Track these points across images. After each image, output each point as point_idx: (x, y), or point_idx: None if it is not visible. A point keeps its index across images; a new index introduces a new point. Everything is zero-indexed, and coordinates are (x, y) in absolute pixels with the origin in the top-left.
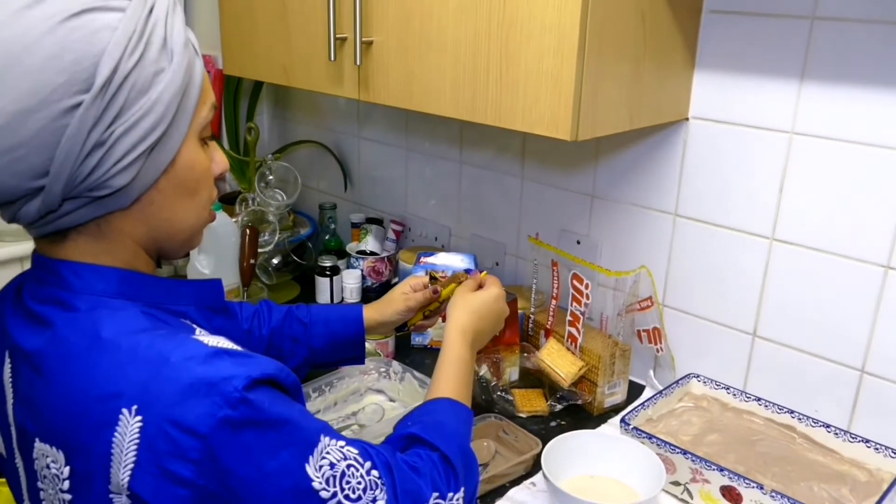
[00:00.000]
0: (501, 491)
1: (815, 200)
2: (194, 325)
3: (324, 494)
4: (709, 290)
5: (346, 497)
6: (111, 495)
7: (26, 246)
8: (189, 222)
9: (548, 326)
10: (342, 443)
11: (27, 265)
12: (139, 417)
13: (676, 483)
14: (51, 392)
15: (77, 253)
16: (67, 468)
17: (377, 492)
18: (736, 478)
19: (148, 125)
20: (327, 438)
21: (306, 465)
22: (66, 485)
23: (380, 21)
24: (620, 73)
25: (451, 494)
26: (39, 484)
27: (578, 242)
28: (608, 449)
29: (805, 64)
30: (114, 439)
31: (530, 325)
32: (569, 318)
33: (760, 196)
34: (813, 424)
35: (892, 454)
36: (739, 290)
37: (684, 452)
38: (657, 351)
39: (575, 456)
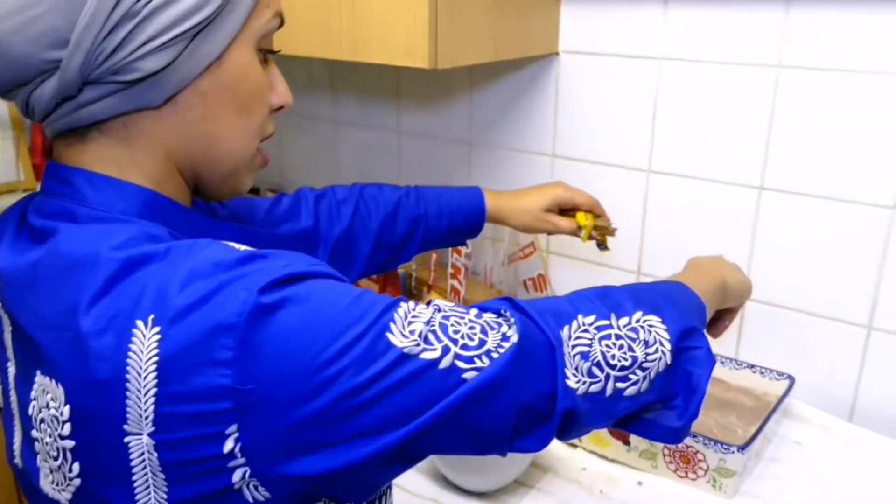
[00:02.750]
0: None
1: (687, 128)
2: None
3: (429, 355)
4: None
5: (465, 347)
6: (127, 437)
7: None
8: (235, 146)
9: (430, 283)
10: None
11: None
12: (157, 328)
13: None
14: (47, 309)
15: (98, 160)
16: (67, 407)
17: (503, 328)
18: None
19: (192, 3)
20: (411, 303)
21: (388, 335)
22: (67, 428)
23: None
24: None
25: (613, 315)
26: (34, 433)
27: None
28: None
29: None
30: (128, 360)
31: (413, 283)
32: (450, 270)
33: (635, 128)
34: None
35: (777, 376)
36: (621, 227)
37: None
38: None
39: None
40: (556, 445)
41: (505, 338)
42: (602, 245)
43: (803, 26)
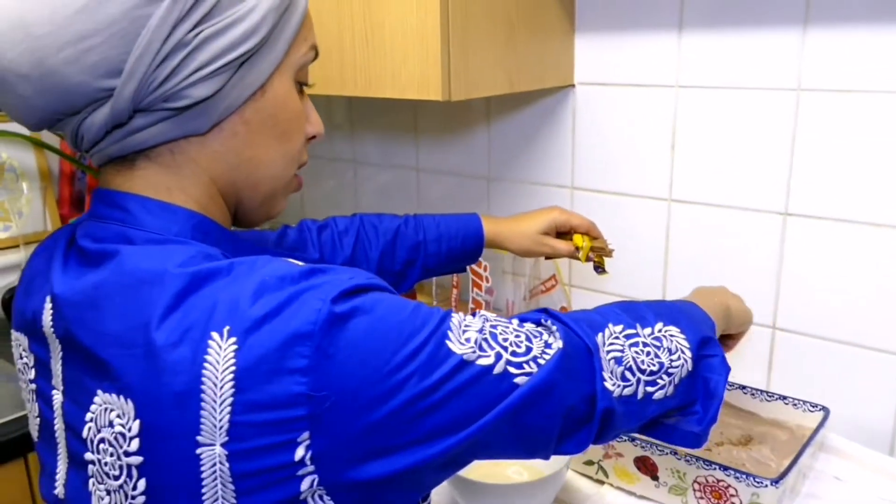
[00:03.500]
0: None
1: (707, 155)
2: None
3: (484, 361)
4: (615, 262)
5: (514, 353)
6: (199, 448)
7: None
8: (274, 171)
9: None
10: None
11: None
12: (233, 339)
13: (590, 462)
14: (114, 326)
15: (147, 186)
16: (137, 422)
17: (544, 336)
18: (648, 446)
19: (239, 33)
20: (459, 314)
21: (447, 343)
22: (135, 444)
23: None
24: (493, 32)
25: (638, 325)
26: (88, 455)
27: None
28: None
29: (682, 14)
30: (204, 371)
31: None
32: (471, 305)
33: (654, 157)
34: (728, 388)
35: (811, 408)
36: (644, 258)
37: None
38: None
39: None
40: (583, 483)
41: (548, 345)
42: (600, 268)
43: (821, 48)
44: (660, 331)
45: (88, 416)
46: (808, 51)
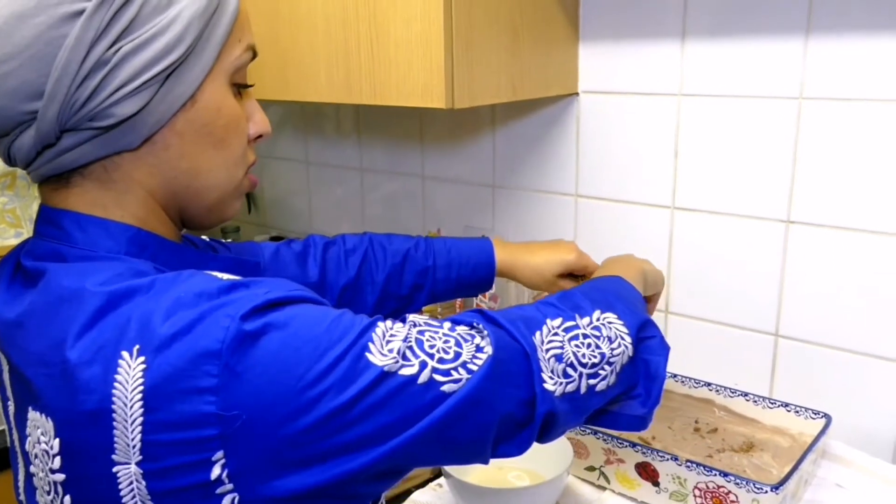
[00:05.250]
0: (404, 496)
1: (710, 163)
2: None
3: (407, 371)
4: None
5: (441, 360)
6: (116, 467)
7: None
8: (217, 179)
9: None
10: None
11: None
12: (142, 358)
13: (591, 468)
14: (36, 345)
15: (83, 203)
16: (57, 440)
17: (476, 339)
18: (649, 452)
19: (161, 46)
20: (388, 322)
21: (367, 355)
22: (57, 462)
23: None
24: (497, 40)
25: (577, 316)
26: (31, 468)
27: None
28: None
29: (685, 23)
30: (114, 391)
31: None
32: None
33: (658, 165)
34: (731, 395)
35: (813, 415)
36: None
37: (594, 433)
38: None
39: None
40: (584, 489)
41: (479, 349)
42: None
43: (824, 57)
44: (598, 319)
45: (27, 430)
46: (811, 59)
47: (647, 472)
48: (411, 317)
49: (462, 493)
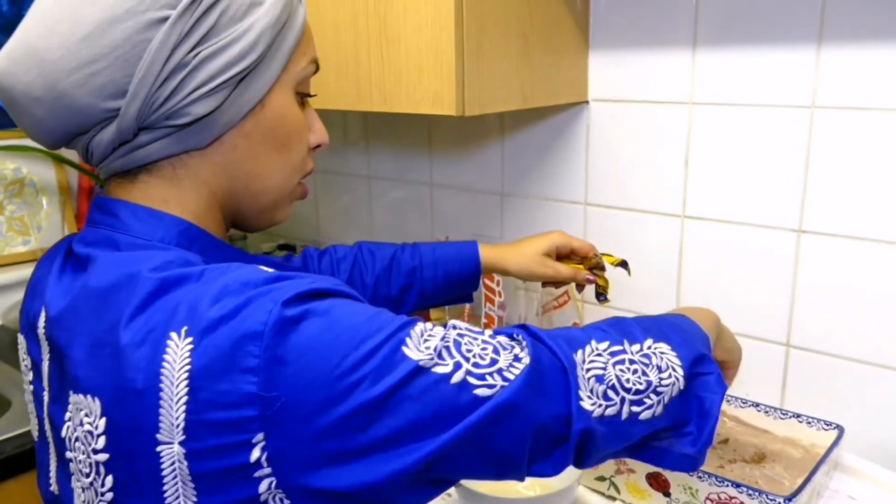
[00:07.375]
0: None
1: (721, 172)
2: None
3: (441, 370)
4: (627, 278)
5: (476, 365)
6: (159, 446)
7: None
8: (275, 182)
9: None
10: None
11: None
12: (190, 339)
13: (601, 478)
14: (91, 329)
15: (145, 197)
16: (103, 420)
17: (515, 349)
18: None
19: (236, 52)
20: (428, 323)
21: (404, 348)
22: (101, 442)
23: None
24: (507, 47)
25: (625, 342)
26: (68, 453)
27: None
28: None
29: (696, 31)
30: (162, 370)
31: None
32: (483, 320)
33: (668, 174)
34: (742, 405)
35: (825, 426)
36: (657, 274)
37: None
38: None
39: None
40: (594, 499)
41: (517, 359)
42: (602, 295)
43: (836, 65)
44: (649, 348)
45: (67, 415)
46: (823, 68)
47: (659, 483)
48: (453, 321)
49: (472, 502)
